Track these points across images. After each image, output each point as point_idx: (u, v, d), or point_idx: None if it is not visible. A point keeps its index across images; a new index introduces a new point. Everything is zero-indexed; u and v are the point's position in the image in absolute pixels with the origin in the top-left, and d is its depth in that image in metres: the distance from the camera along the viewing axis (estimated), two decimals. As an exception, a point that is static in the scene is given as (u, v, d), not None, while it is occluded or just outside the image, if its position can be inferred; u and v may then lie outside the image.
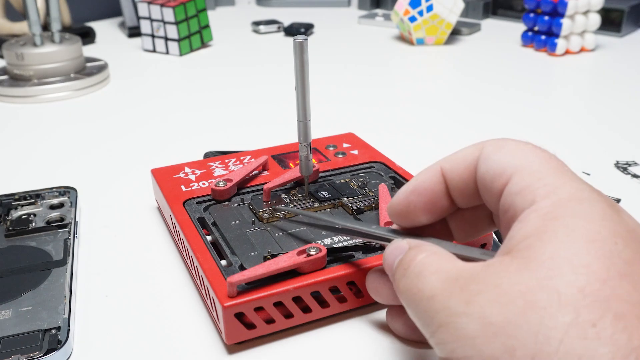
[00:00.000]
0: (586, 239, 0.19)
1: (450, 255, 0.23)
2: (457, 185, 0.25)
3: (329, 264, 0.29)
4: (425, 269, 0.22)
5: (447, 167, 0.25)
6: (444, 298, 0.20)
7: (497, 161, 0.23)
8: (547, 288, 0.18)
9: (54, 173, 0.47)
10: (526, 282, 0.18)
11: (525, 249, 0.19)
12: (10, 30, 0.83)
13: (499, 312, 0.18)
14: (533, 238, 0.20)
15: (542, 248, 0.19)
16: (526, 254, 0.19)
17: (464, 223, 0.27)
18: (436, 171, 0.25)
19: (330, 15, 1.03)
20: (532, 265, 0.19)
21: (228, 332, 0.27)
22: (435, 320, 0.20)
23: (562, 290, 0.18)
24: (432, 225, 0.27)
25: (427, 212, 0.26)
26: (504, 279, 0.19)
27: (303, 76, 0.32)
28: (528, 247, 0.19)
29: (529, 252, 0.19)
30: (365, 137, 0.46)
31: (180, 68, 0.75)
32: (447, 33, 0.81)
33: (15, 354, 0.27)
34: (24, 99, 0.64)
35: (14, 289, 0.31)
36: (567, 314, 0.17)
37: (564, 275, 0.18)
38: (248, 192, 0.37)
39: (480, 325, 0.18)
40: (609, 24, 0.84)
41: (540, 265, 0.19)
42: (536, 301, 0.18)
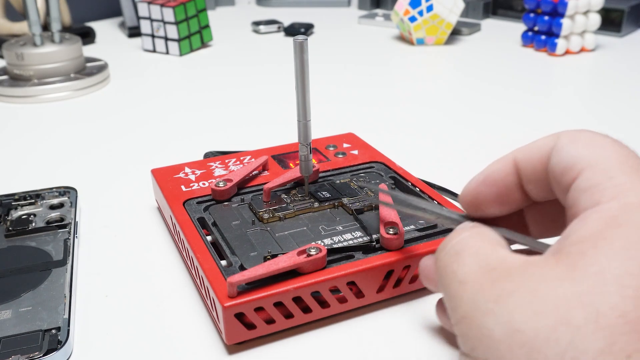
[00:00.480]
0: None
1: (496, 239, 0.21)
2: (530, 176, 0.23)
3: (329, 264, 0.29)
4: (464, 249, 0.21)
5: (520, 158, 0.24)
6: (473, 288, 0.19)
7: (570, 154, 0.21)
8: (587, 305, 0.16)
9: (54, 173, 0.47)
10: (565, 293, 0.17)
11: (575, 254, 0.18)
12: (10, 30, 0.83)
13: (529, 320, 0.17)
14: (587, 244, 0.18)
15: (594, 259, 0.17)
16: (574, 261, 0.18)
17: (541, 217, 0.26)
18: (509, 162, 0.24)
19: (330, 15, 1.03)
20: (577, 276, 0.17)
21: (228, 332, 0.27)
22: (460, 309, 0.19)
23: (602, 310, 0.16)
24: (508, 218, 0.26)
25: (498, 204, 0.25)
26: (542, 284, 0.17)
27: (303, 76, 0.32)
28: (579, 253, 0.18)
29: (579, 259, 0.18)
30: (365, 137, 0.46)
31: (180, 68, 0.75)
32: (447, 33, 0.81)
33: (15, 354, 0.27)
34: (24, 99, 0.64)
35: (14, 289, 0.31)
36: (602, 339, 0.16)
37: (608, 294, 0.16)
38: (248, 192, 0.37)
39: (506, 330, 0.17)
40: (609, 24, 0.84)
41: (585, 277, 0.17)
42: (571, 318, 0.16)
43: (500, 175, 0.24)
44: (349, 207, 0.34)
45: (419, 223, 0.33)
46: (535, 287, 0.18)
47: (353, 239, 0.31)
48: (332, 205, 0.35)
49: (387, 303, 0.31)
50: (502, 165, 0.24)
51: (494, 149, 0.49)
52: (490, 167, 0.25)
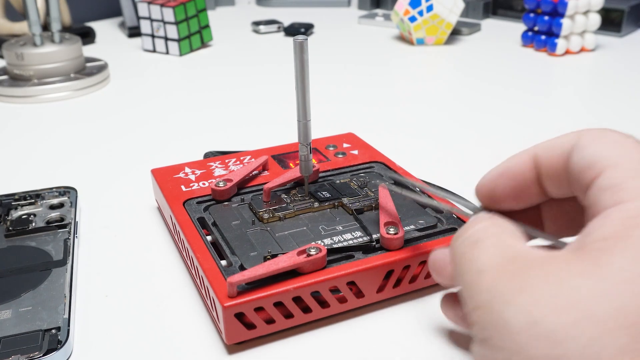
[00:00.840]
0: None
1: (514, 232, 0.21)
2: (549, 172, 0.23)
3: (329, 264, 0.29)
4: (484, 238, 0.21)
5: (540, 153, 0.24)
6: (493, 277, 0.19)
7: (592, 152, 0.21)
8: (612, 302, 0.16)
9: (54, 173, 0.47)
10: (589, 289, 0.17)
11: (598, 251, 0.18)
12: (10, 30, 0.83)
13: (550, 313, 0.17)
14: (611, 241, 0.18)
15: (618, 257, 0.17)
16: (597, 258, 0.18)
17: (558, 214, 0.26)
18: (529, 156, 0.24)
19: (330, 15, 1.03)
20: (601, 272, 0.17)
21: (228, 332, 0.27)
22: (478, 297, 0.19)
23: (627, 308, 0.16)
24: (523, 213, 0.26)
25: (515, 198, 0.25)
26: (565, 279, 0.17)
27: (303, 76, 0.32)
28: (602, 250, 0.18)
29: (602, 256, 0.18)
30: (365, 137, 0.46)
31: (180, 68, 0.75)
32: (447, 33, 0.81)
33: (15, 354, 0.27)
34: (24, 99, 0.64)
35: (14, 289, 0.31)
36: (625, 336, 0.16)
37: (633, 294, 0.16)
38: (248, 192, 0.37)
39: (526, 321, 0.17)
40: (609, 24, 0.84)
41: (610, 274, 0.17)
42: (595, 313, 0.16)
43: (519, 169, 0.24)
44: (349, 207, 0.34)
45: (419, 223, 0.33)
46: (559, 281, 0.17)
47: (353, 239, 0.31)
48: (332, 205, 0.35)
49: (387, 303, 0.31)
50: (521, 159, 0.24)
51: (494, 149, 0.49)
52: (509, 160, 0.25)
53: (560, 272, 0.18)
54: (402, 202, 0.36)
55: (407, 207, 0.35)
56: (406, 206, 0.35)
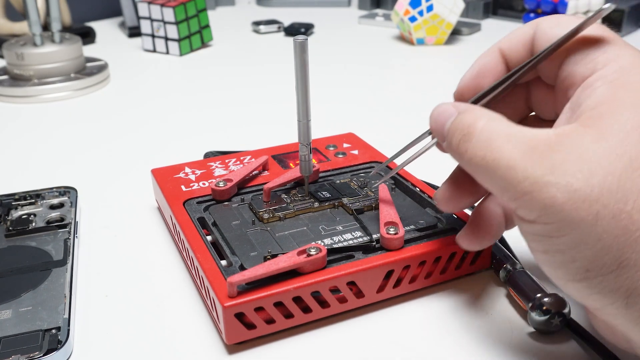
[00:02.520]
0: None
1: (506, 118, 0.23)
2: (517, 62, 0.27)
3: (329, 264, 0.29)
4: (494, 136, 0.23)
5: (505, 47, 0.27)
6: (525, 167, 0.21)
7: (555, 36, 0.25)
8: (622, 156, 0.20)
9: (54, 173, 0.47)
10: (603, 151, 0.20)
11: (596, 118, 0.21)
12: (10, 30, 0.83)
13: (583, 180, 0.20)
14: (604, 107, 0.21)
15: (613, 119, 0.21)
16: (598, 124, 0.21)
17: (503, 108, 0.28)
18: (495, 52, 0.27)
19: (330, 15, 1.03)
20: (607, 136, 0.21)
21: (228, 332, 0.27)
22: (518, 188, 0.21)
23: (633, 156, 0.20)
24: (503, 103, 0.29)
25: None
26: (583, 148, 0.21)
27: (303, 76, 0.32)
28: (600, 116, 0.21)
29: (601, 122, 0.21)
30: (365, 137, 0.46)
31: (180, 68, 0.75)
32: (447, 33, 0.81)
33: (15, 354, 0.27)
34: (24, 99, 0.64)
35: (14, 289, 0.31)
36: (638, 177, 0.20)
37: (634, 143, 0.20)
38: (248, 192, 0.37)
39: (567, 193, 0.20)
40: (609, 24, 0.84)
41: (613, 135, 0.21)
42: (614, 168, 0.20)
43: (490, 65, 0.27)
44: (349, 207, 0.34)
45: (419, 223, 0.33)
46: (579, 152, 0.21)
47: (353, 239, 0.31)
48: (332, 205, 0.35)
49: (387, 303, 0.31)
50: (490, 57, 0.28)
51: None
52: (478, 61, 0.28)
53: (578, 144, 0.21)
54: (402, 202, 0.36)
55: (407, 207, 0.35)
56: (406, 206, 0.35)
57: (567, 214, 0.20)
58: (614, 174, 0.20)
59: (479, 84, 0.28)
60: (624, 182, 0.20)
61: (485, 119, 0.23)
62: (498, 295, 0.31)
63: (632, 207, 0.20)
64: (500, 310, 0.30)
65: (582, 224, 0.20)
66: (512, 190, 0.22)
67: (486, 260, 0.33)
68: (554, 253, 0.21)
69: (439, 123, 0.26)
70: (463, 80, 0.28)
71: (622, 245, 0.20)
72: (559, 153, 0.21)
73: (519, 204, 0.22)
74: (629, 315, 0.21)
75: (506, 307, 0.31)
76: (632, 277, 0.20)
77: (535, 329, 0.28)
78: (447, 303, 0.31)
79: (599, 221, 0.20)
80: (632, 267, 0.20)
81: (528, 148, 0.21)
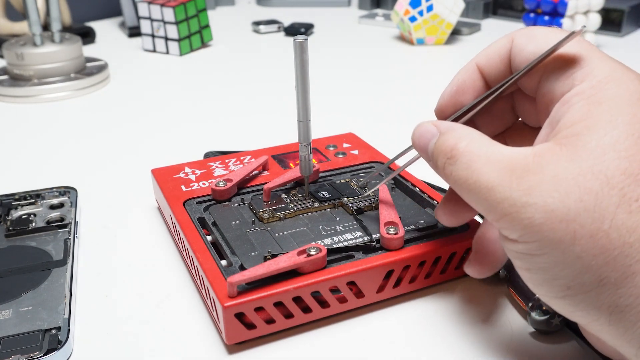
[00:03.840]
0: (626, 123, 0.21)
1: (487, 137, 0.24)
2: (495, 77, 0.27)
3: (329, 264, 0.29)
4: (474, 159, 0.23)
5: (482, 63, 0.27)
6: (503, 189, 0.22)
7: (532, 52, 0.25)
8: (598, 174, 0.20)
9: (54, 173, 0.47)
10: (579, 170, 0.20)
11: (572, 137, 0.21)
12: (10, 30, 0.83)
13: (559, 200, 0.20)
14: (580, 125, 0.21)
15: (589, 136, 0.21)
16: (574, 142, 0.21)
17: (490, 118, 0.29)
18: (473, 68, 0.27)
19: (330, 15, 1.03)
20: (582, 155, 0.21)
21: (228, 332, 0.27)
22: (498, 210, 0.22)
23: (609, 174, 0.20)
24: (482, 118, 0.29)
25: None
26: (559, 168, 0.21)
27: (303, 76, 0.32)
28: (575, 134, 0.21)
29: (577, 140, 0.21)
30: (365, 137, 0.46)
31: (180, 68, 0.75)
32: (447, 33, 0.81)
33: (15, 354, 0.27)
34: (24, 99, 0.64)
35: (14, 289, 0.31)
36: (615, 195, 0.20)
37: (610, 161, 0.20)
38: (248, 192, 0.37)
39: (544, 214, 0.20)
40: (609, 24, 0.84)
41: (589, 153, 0.21)
42: (590, 187, 0.20)
43: (469, 82, 0.27)
44: (349, 207, 0.34)
45: (419, 223, 0.33)
46: (556, 173, 0.21)
47: (353, 239, 0.31)
48: (332, 205, 0.35)
49: (387, 303, 0.31)
50: (467, 73, 0.28)
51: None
52: (457, 77, 0.28)
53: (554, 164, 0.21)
54: (402, 202, 0.36)
55: (407, 207, 0.35)
56: (406, 206, 0.35)
57: (545, 234, 0.20)
58: (590, 193, 0.20)
59: (459, 100, 0.28)
60: (601, 200, 0.20)
61: (466, 141, 0.24)
62: (498, 295, 0.31)
63: (609, 226, 0.20)
64: (500, 310, 0.30)
65: (560, 244, 0.20)
66: (493, 211, 0.22)
67: (486, 260, 0.33)
68: (536, 271, 0.22)
69: (421, 143, 0.26)
70: (442, 97, 0.28)
71: (601, 264, 0.20)
72: (536, 175, 0.21)
73: (501, 225, 0.22)
74: (613, 332, 0.21)
75: (506, 307, 0.31)
76: (612, 295, 0.20)
77: (535, 329, 0.28)
78: (447, 303, 0.31)
79: (577, 241, 0.20)
80: (612, 285, 0.20)
81: (506, 170, 0.22)
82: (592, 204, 0.20)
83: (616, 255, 0.20)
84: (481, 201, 0.22)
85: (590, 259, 0.20)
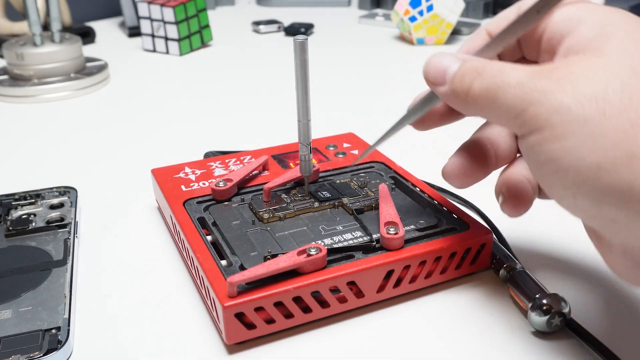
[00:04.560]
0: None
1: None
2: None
3: (329, 264, 0.29)
4: (505, 67, 0.23)
5: (492, 29, 0.28)
6: (533, 81, 0.22)
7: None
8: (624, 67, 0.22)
9: (54, 173, 0.47)
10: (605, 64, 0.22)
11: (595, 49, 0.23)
12: (10, 30, 0.83)
13: (588, 85, 0.21)
14: (599, 40, 0.23)
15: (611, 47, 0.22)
16: (599, 47, 0.22)
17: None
18: (483, 34, 0.28)
19: (330, 15, 1.03)
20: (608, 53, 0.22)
21: (228, 332, 0.27)
22: (525, 99, 0.22)
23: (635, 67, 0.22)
24: None
25: None
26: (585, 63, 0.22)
27: (303, 76, 0.32)
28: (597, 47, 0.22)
29: (599, 46, 0.22)
30: (365, 137, 0.46)
31: (180, 68, 0.75)
32: (447, 33, 0.81)
33: (15, 354, 0.27)
34: (24, 99, 0.64)
35: (14, 289, 0.31)
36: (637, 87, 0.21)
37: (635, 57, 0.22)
38: (248, 192, 0.37)
39: (574, 96, 0.21)
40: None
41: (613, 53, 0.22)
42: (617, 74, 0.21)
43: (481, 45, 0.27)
44: (349, 207, 0.34)
45: (419, 223, 0.33)
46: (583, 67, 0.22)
47: (353, 239, 0.31)
48: (332, 205, 0.35)
49: (387, 303, 0.31)
50: (478, 38, 0.28)
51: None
52: (467, 43, 0.29)
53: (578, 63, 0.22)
54: (402, 202, 0.36)
55: (407, 207, 0.35)
56: (406, 206, 0.35)
57: (575, 114, 0.21)
58: (617, 79, 0.21)
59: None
60: (628, 84, 0.21)
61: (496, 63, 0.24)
62: (498, 295, 0.31)
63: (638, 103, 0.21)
64: (501, 310, 0.30)
65: (590, 121, 0.21)
66: (519, 103, 0.22)
67: (486, 260, 0.33)
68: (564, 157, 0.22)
69: (439, 68, 0.26)
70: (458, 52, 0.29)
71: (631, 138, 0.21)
72: (564, 70, 0.22)
73: (528, 115, 0.22)
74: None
75: (506, 307, 0.31)
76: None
77: (535, 329, 0.28)
78: (447, 303, 0.31)
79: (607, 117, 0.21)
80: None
81: (535, 70, 0.23)
82: (620, 88, 0.21)
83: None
84: (506, 100, 0.23)
85: (619, 133, 0.21)
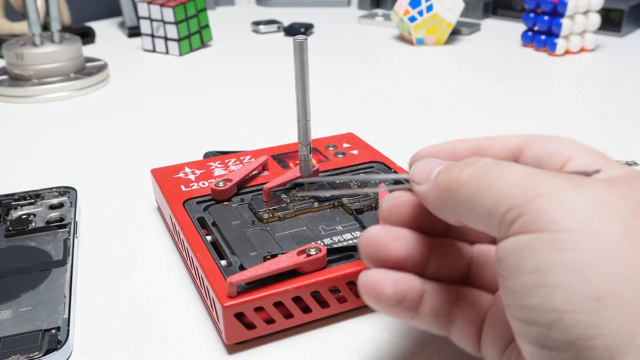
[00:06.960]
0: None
1: None
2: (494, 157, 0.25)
3: (329, 264, 0.29)
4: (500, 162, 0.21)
5: (485, 144, 0.26)
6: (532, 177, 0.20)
7: (556, 143, 0.24)
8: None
9: (54, 173, 0.47)
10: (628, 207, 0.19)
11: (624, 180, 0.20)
12: (10, 30, 0.83)
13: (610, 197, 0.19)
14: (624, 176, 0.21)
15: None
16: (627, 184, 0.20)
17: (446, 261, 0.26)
18: (473, 144, 0.26)
19: (330, 15, 1.03)
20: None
21: (228, 332, 0.27)
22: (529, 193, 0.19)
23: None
24: None
25: None
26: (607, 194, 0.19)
27: (303, 76, 0.32)
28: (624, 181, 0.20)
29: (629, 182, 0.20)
30: (365, 137, 0.46)
31: (180, 68, 0.75)
32: (447, 33, 0.81)
33: (15, 354, 0.27)
34: (24, 99, 0.64)
35: (14, 289, 0.31)
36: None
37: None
38: (248, 192, 0.37)
39: (593, 202, 0.18)
40: (609, 24, 0.84)
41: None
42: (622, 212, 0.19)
43: (463, 152, 0.26)
44: (348, 207, 0.34)
45: (418, 223, 0.33)
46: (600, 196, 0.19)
47: (353, 239, 0.31)
48: (332, 205, 0.35)
49: (387, 303, 0.31)
50: (464, 145, 0.26)
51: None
52: (453, 143, 0.26)
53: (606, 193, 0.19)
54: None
55: (407, 207, 0.35)
56: (406, 206, 0.35)
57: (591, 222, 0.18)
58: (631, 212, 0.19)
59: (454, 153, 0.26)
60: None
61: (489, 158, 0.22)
62: (498, 295, 0.31)
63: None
64: (500, 310, 0.30)
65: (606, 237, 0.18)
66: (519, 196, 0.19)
67: (486, 260, 0.33)
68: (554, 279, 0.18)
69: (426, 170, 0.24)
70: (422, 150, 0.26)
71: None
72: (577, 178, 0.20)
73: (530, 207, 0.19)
74: None
75: (506, 307, 0.31)
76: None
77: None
78: (447, 303, 0.31)
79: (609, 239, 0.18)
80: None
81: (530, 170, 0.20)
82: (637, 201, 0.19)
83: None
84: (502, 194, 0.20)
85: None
